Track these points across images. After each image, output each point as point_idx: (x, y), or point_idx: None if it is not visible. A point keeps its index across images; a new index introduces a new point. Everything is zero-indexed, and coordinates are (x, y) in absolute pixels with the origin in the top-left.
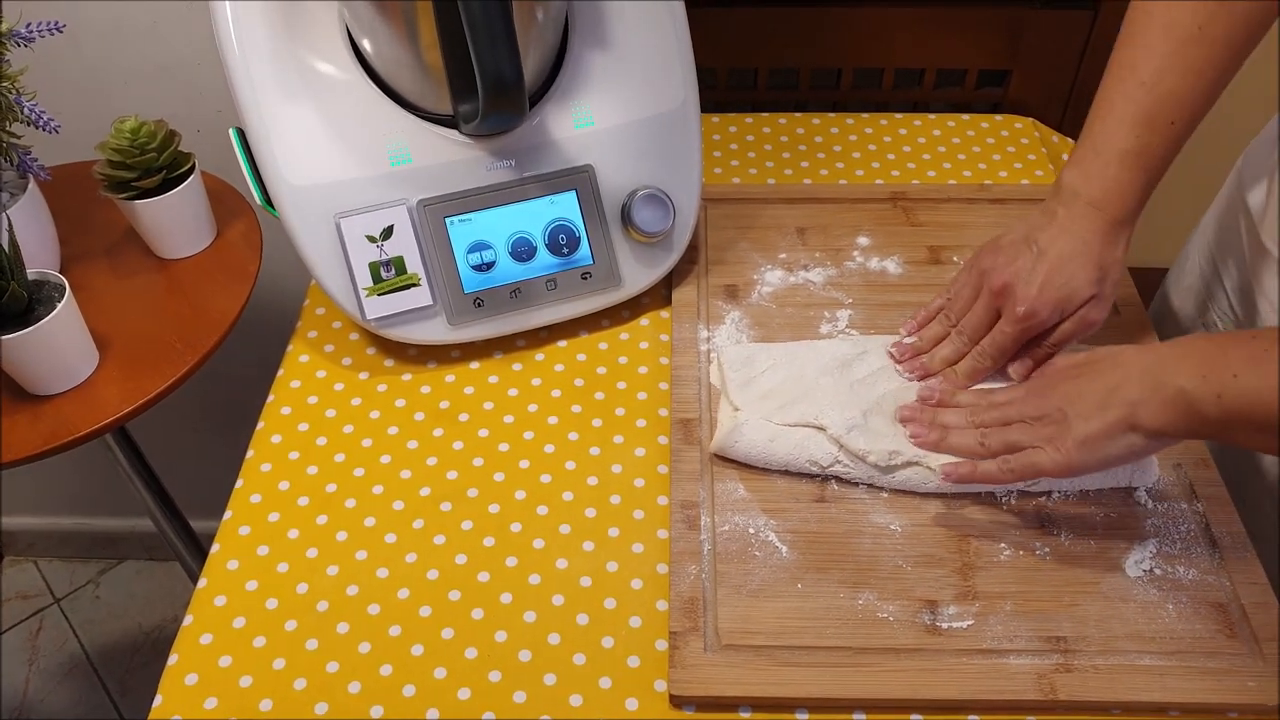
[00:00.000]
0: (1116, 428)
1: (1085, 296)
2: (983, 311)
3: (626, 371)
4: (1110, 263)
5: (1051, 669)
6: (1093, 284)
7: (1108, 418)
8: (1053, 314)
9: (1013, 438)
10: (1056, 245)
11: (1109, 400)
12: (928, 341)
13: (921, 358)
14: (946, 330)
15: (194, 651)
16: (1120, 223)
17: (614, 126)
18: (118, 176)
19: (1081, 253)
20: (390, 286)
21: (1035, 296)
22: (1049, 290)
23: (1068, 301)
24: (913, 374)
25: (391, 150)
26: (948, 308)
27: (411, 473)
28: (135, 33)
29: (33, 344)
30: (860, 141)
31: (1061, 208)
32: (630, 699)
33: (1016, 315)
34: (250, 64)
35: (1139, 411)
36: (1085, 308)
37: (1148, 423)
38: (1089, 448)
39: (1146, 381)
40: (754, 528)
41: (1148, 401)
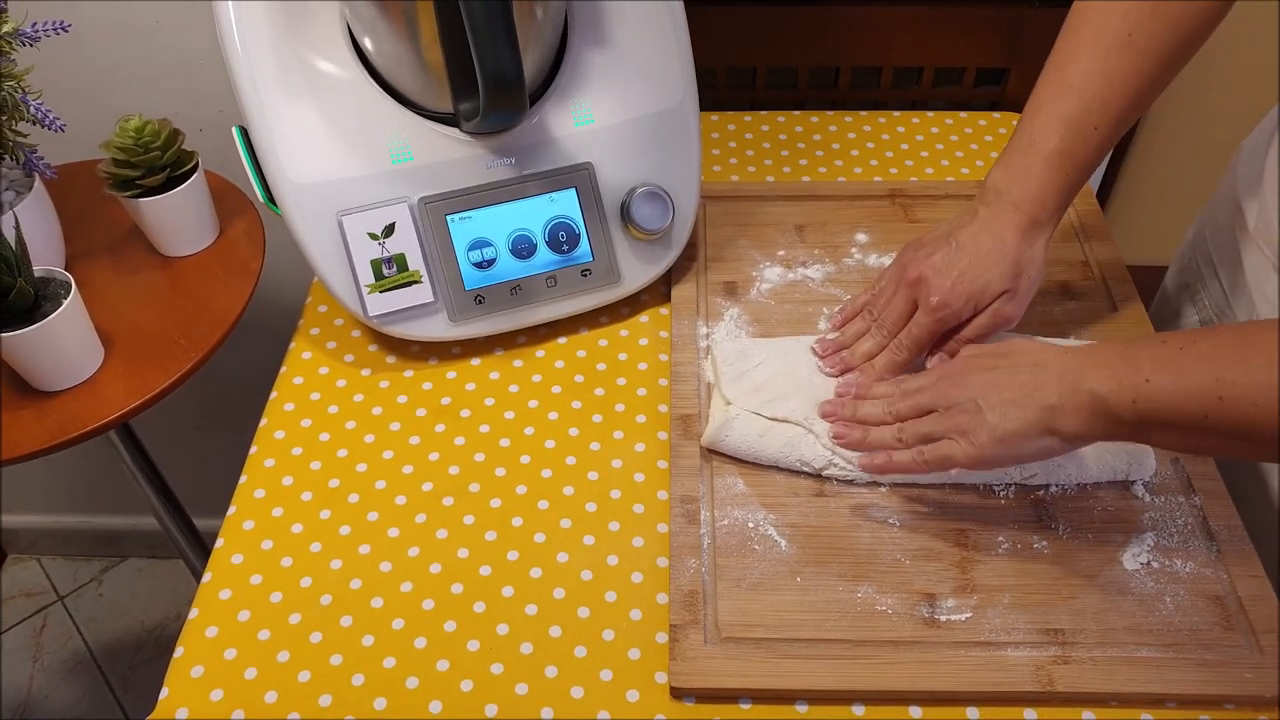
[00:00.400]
0: (1033, 429)
1: (998, 291)
2: (901, 304)
3: (626, 368)
4: (1026, 260)
5: (1049, 661)
6: (1007, 279)
7: (1026, 417)
8: (965, 306)
9: (926, 428)
10: (975, 241)
11: (1027, 400)
12: (850, 337)
13: (843, 352)
14: (869, 325)
15: (199, 644)
16: (1039, 223)
17: (613, 124)
18: (122, 175)
19: (998, 249)
20: (392, 283)
21: (949, 288)
22: (963, 283)
23: (981, 295)
24: (834, 369)
25: (393, 148)
26: (871, 303)
27: (414, 468)
28: (138, 32)
29: (39, 340)
30: (859, 139)
31: (984, 206)
32: (631, 691)
33: (930, 306)
34: (253, 63)
35: (1056, 416)
36: (998, 302)
37: (1064, 427)
38: (1004, 444)
39: (1064, 386)
40: (753, 522)
41: (1064, 406)
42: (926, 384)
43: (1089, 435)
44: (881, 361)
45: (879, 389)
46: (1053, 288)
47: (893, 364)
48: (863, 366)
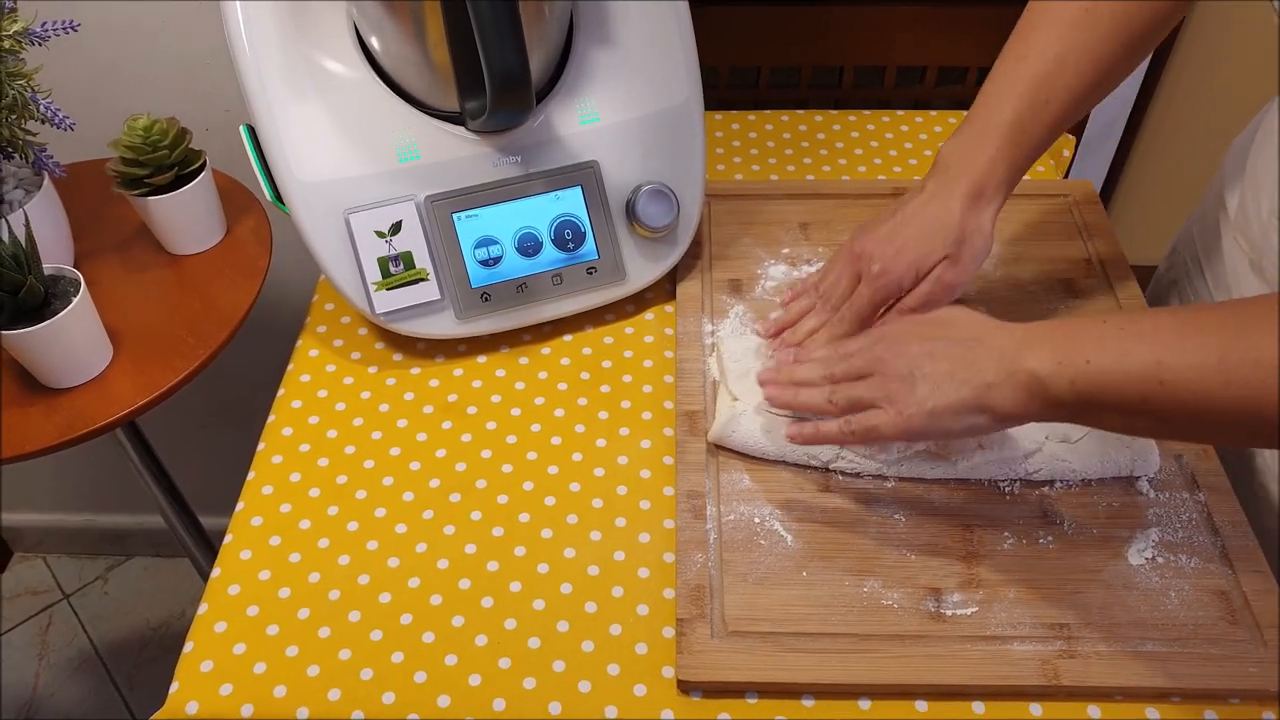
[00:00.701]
0: (966, 405)
1: (939, 257)
2: (846, 278)
3: (631, 365)
4: (971, 229)
5: (1055, 655)
6: (949, 244)
7: (960, 393)
8: (907, 273)
9: (858, 393)
10: (921, 213)
11: (962, 375)
12: (794, 314)
13: (786, 331)
14: (814, 303)
15: (209, 639)
16: (986, 193)
17: (619, 123)
18: (130, 174)
19: (941, 218)
20: (399, 281)
21: (891, 256)
22: (905, 252)
23: (922, 262)
24: (776, 348)
25: (400, 147)
26: (820, 281)
27: (421, 464)
28: (145, 32)
29: (49, 338)
30: (862, 138)
31: (931, 180)
32: (638, 685)
33: (871, 274)
34: (260, 62)
35: (991, 394)
36: (940, 268)
37: (999, 405)
38: (933, 418)
39: (1003, 364)
40: (759, 517)
41: (1001, 385)
42: (864, 346)
43: (1023, 415)
44: (823, 335)
45: (817, 352)
46: (1056, 285)
47: (834, 338)
48: (805, 342)
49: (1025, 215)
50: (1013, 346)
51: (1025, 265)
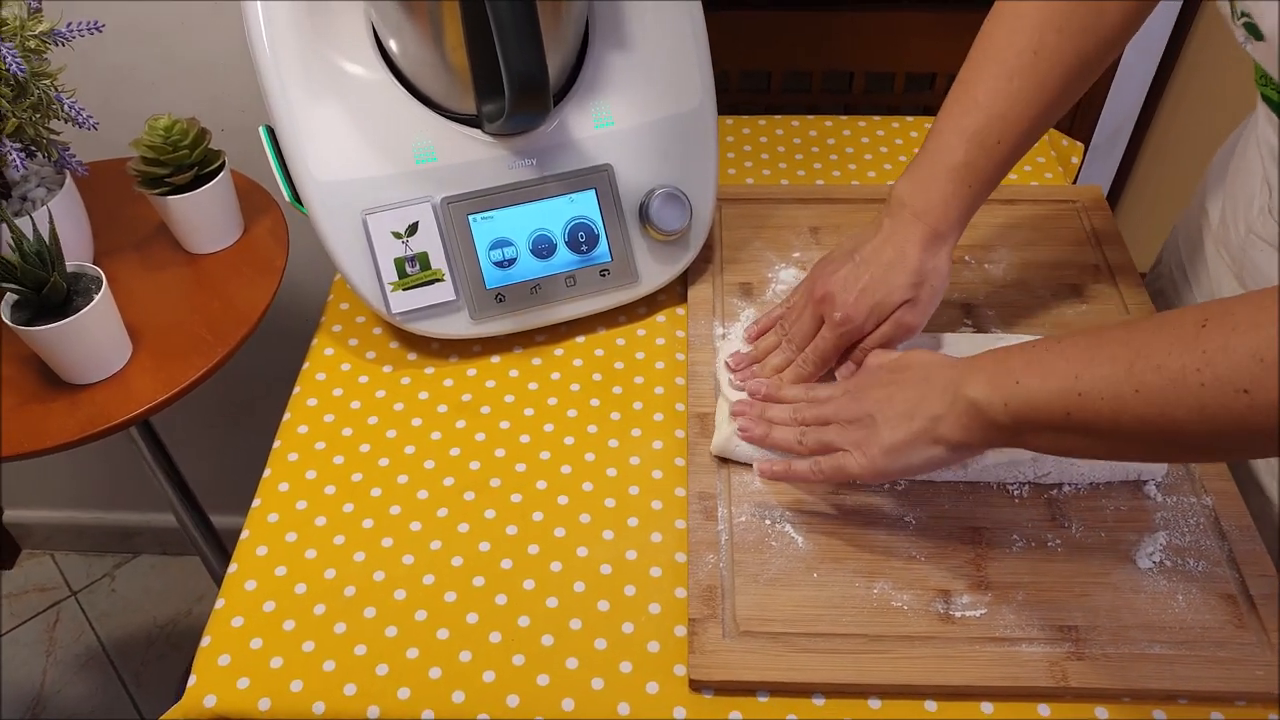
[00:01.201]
0: (920, 439)
1: (899, 300)
2: (809, 320)
3: (643, 366)
4: (929, 270)
5: (1063, 657)
6: (908, 289)
7: (912, 428)
8: (868, 319)
9: (828, 438)
10: (878, 254)
11: (914, 411)
12: (761, 351)
13: (754, 366)
14: (778, 340)
15: (226, 633)
16: (941, 235)
17: (633, 127)
18: (151, 173)
19: (899, 261)
20: (415, 282)
21: (852, 303)
22: (865, 297)
23: (882, 306)
24: (744, 382)
25: (417, 149)
26: (783, 319)
27: (435, 463)
28: (162, 33)
29: (71, 334)
30: (872, 144)
31: (888, 219)
32: (650, 683)
33: (834, 321)
34: (280, 64)
35: (940, 425)
36: (900, 311)
37: (948, 436)
38: (893, 456)
39: (946, 395)
40: (770, 519)
41: (946, 415)
42: (833, 395)
43: (971, 443)
44: (789, 376)
45: (789, 393)
46: (1065, 291)
47: (799, 378)
48: (771, 380)
49: (1035, 221)
50: (955, 378)
51: (1035, 271)
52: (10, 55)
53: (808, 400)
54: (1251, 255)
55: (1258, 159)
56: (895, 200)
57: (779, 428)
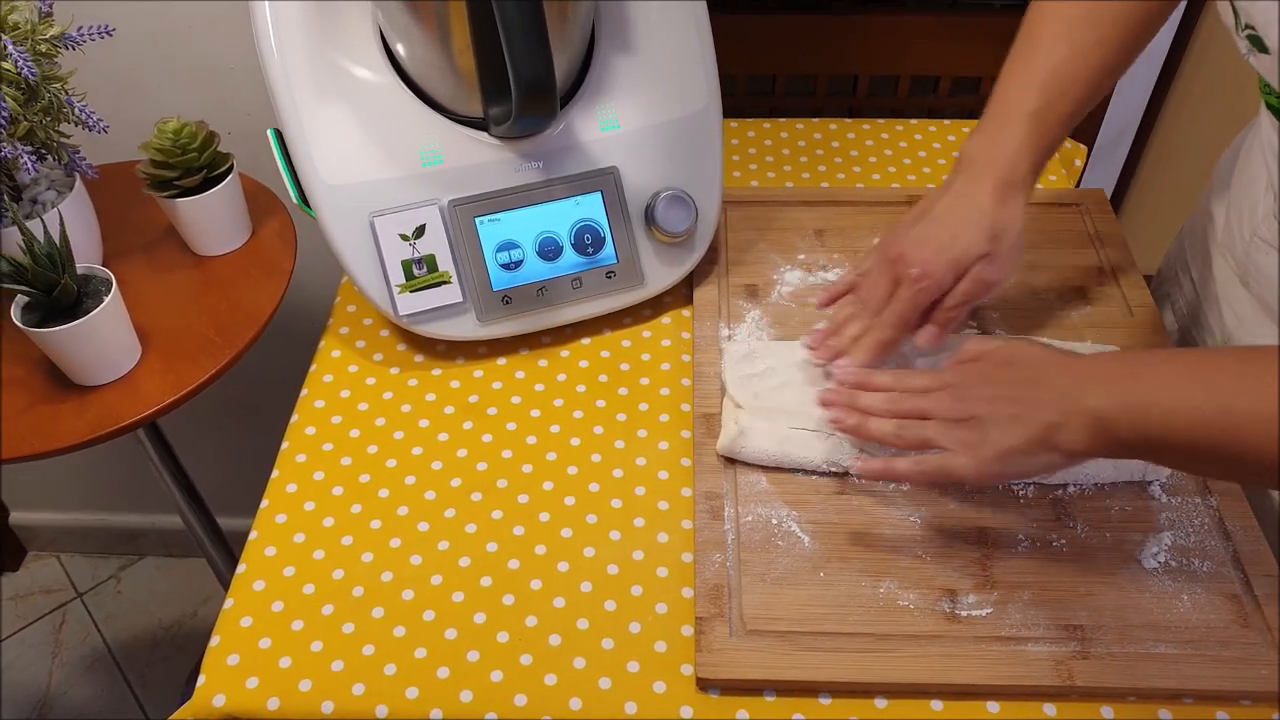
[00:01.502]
0: (1034, 445)
1: (977, 254)
2: (884, 282)
3: (649, 368)
4: (1005, 222)
5: (1069, 656)
6: (985, 241)
7: (1026, 434)
8: (946, 273)
9: (929, 434)
10: (950, 211)
11: (1027, 416)
12: (838, 322)
13: (832, 340)
14: (856, 309)
15: (235, 633)
16: (1013, 184)
17: (638, 130)
18: (160, 175)
19: (974, 215)
20: (422, 284)
21: (929, 258)
22: (942, 252)
23: (960, 261)
24: (825, 356)
25: (424, 152)
26: (857, 288)
27: (442, 464)
28: (171, 38)
29: (81, 336)
30: (876, 146)
31: (958, 178)
32: (658, 682)
33: (911, 278)
34: (288, 67)
35: (1056, 433)
36: (979, 265)
37: (1065, 444)
38: (1004, 460)
39: (1064, 403)
40: (776, 518)
41: (1064, 424)
42: (931, 387)
43: (1091, 452)
44: (868, 340)
45: (879, 379)
46: (1069, 292)
47: (878, 342)
48: (851, 349)
49: (1039, 223)
50: (1072, 385)
51: (1040, 273)
52: (22, 59)
53: (902, 390)
54: (1255, 259)
55: (1262, 163)
56: (965, 157)
57: (874, 419)
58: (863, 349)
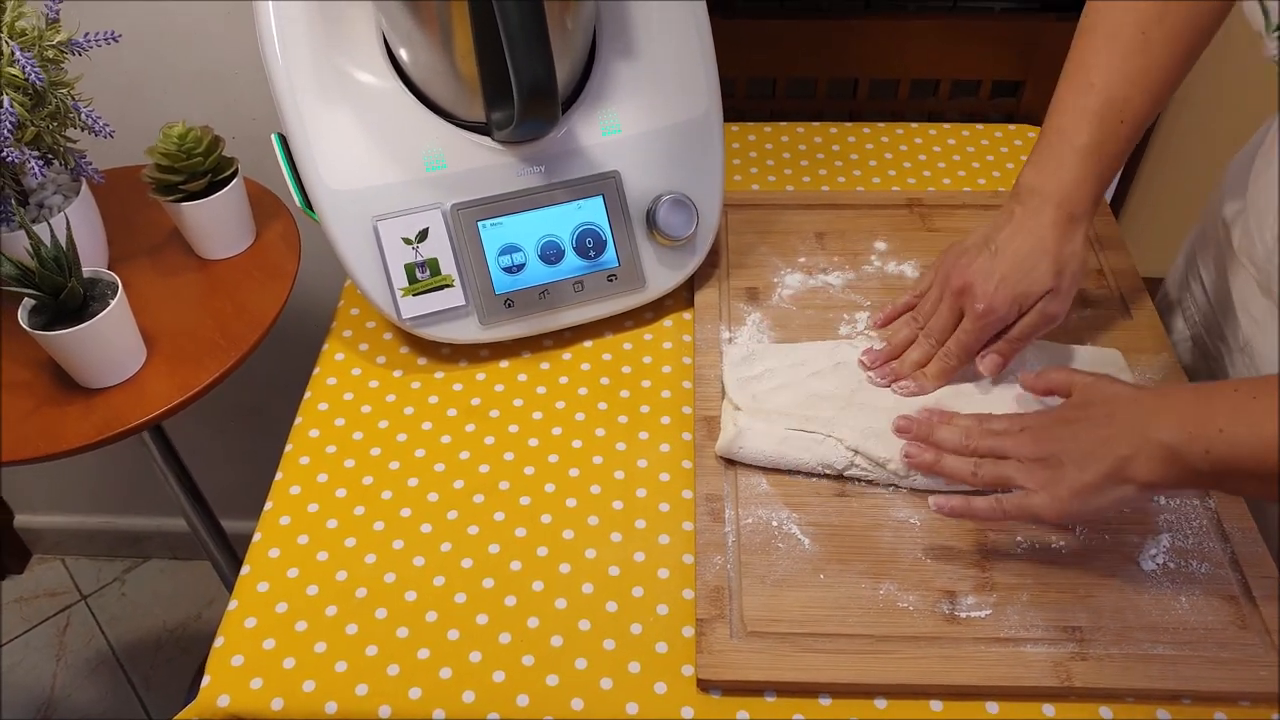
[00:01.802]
0: (1108, 480)
1: (1042, 290)
2: (947, 313)
3: (650, 370)
4: (1067, 256)
5: (1067, 657)
6: (1050, 277)
7: (1100, 469)
8: (1011, 309)
9: (1006, 472)
10: (1013, 243)
11: (1100, 452)
12: (897, 347)
13: (892, 363)
14: (915, 333)
15: (239, 634)
16: (1075, 217)
17: (640, 134)
18: (165, 179)
19: (1037, 248)
20: (425, 287)
21: (993, 293)
22: (1006, 286)
23: (1025, 296)
24: (884, 379)
25: (427, 156)
26: (916, 311)
27: (445, 466)
28: (175, 43)
29: (87, 339)
30: (877, 150)
31: (1019, 206)
32: (659, 683)
33: (976, 312)
34: (292, 73)
35: (1129, 466)
36: (1043, 301)
37: (1138, 477)
38: (1081, 498)
39: (1134, 436)
40: (777, 520)
41: (1136, 457)
42: (1009, 429)
43: (1164, 484)
44: (933, 369)
45: (960, 419)
46: None
47: (943, 371)
48: (914, 375)
49: None
50: (1141, 418)
51: None
52: (29, 65)
53: (982, 431)
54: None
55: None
56: (1024, 188)
57: (950, 456)
58: (928, 377)
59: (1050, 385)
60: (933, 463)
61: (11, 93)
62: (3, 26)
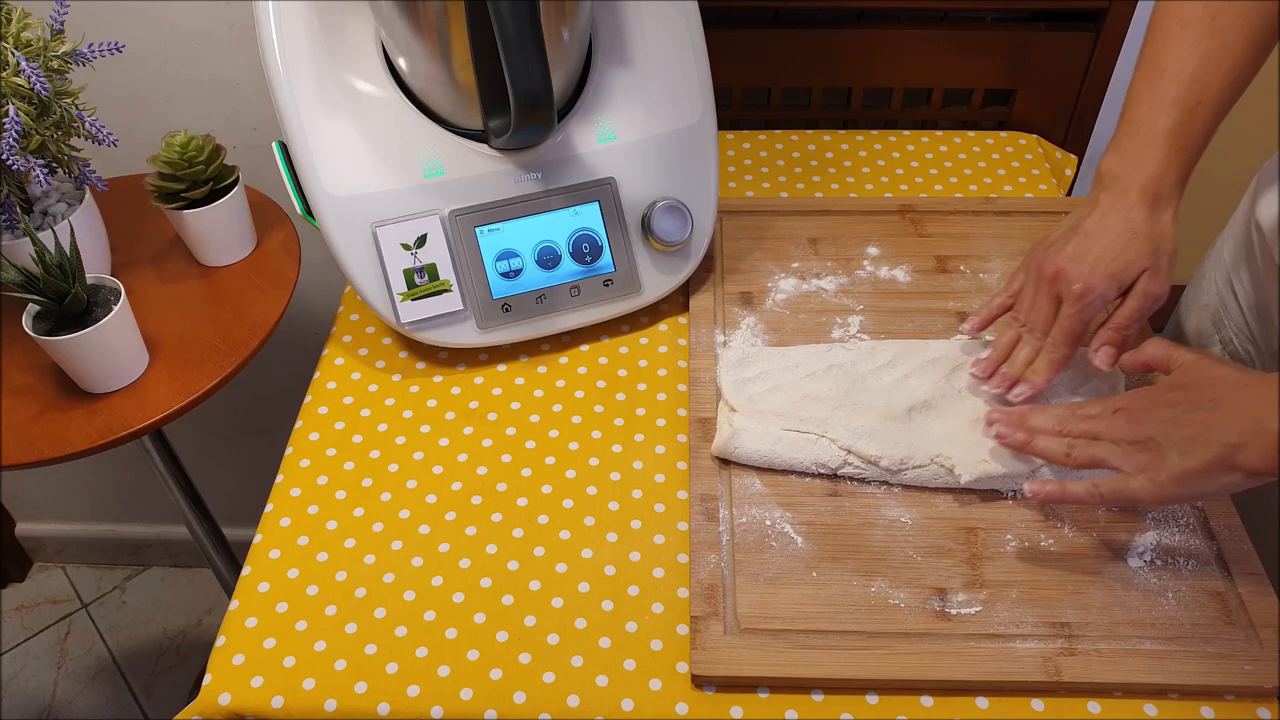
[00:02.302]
0: (1214, 466)
1: (1139, 269)
2: (1045, 303)
3: (646, 374)
4: (1159, 234)
5: (1056, 653)
6: (1145, 255)
7: (1206, 455)
8: (1109, 287)
9: (1101, 454)
10: (1103, 226)
11: (1206, 438)
12: (1004, 349)
13: (1003, 367)
14: (1018, 333)
15: (240, 634)
16: (1162, 198)
17: (635, 141)
18: (167, 188)
19: (1128, 228)
20: (423, 292)
21: (1089, 273)
22: (1101, 265)
23: (1123, 275)
24: (999, 386)
25: (425, 163)
26: (1014, 311)
27: (443, 468)
28: (178, 54)
29: (91, 344)
30: (870, 157)
31: (1104, 194)
32: (654, 680)
33: (1074, 294)
34: (294, 82)
35: (1239, 453)
36: (1142, 280)
37: (1248, 464)
38: (1184, 482)
39: (1245, 423)
40: (770, 520)
41: (1247, 444)
42: (1105, 412)
43: (1272, 471)
44: (1041, 363)
45: (1052, 407)
46: None
47: (1053, 363)
48: (1026, 374)
49: (1029, 232)
50: (1253, 406)
51: None
52: (35, 75)
53: (1075, 415)
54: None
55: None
56: (1107, 175)
57: (1043, 437)
58: (1039, 370)
59: (1149, 360)
60: (1025, 442)
61: (17, 102)
62: (9, 37)
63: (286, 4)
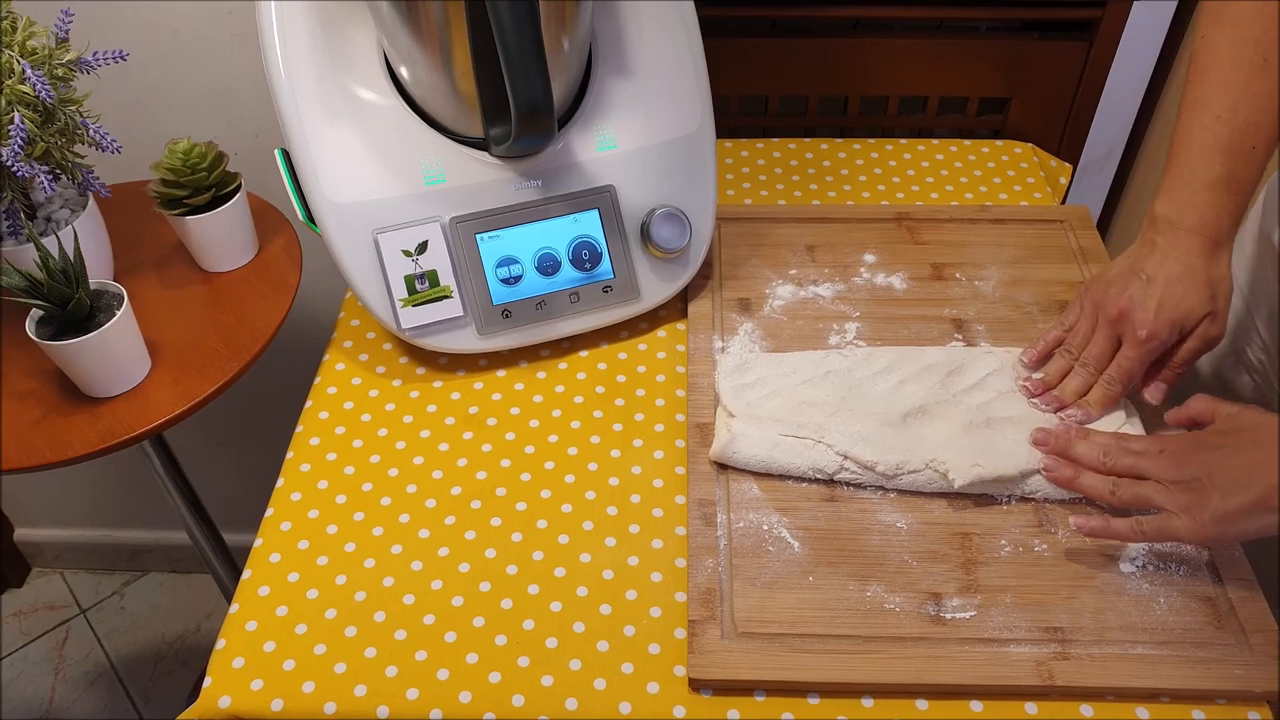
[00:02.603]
0: (1256, 506)
1: (1201, 314)
2: (1104, 341)
3: (645, 379)
4: (1217, 279)
5: (1049, 657)
6: (1206, 301)
7: (1248, 496)
8: (1171, 334)
9: (1145, 493)
10: (1163, 270)
11: (1249, 478)
12: (1054, 376)
13: (1053, 391)
14: (1070, 364)
15: (240, 637)
16: (1219, 243)
17: (634, 149)
18: (170, 194)
19: (1188, 274)
20: (424, 298)
21: (1153, 320)
22: (1165, 312)
23: (1185, 321)
24: (1049, 406)
25: (426, 171)
26: (1067, 342)
27: (443, 473)
28: (181, 62)
29: (94, 349)
30: (866, 165)
31: (1160, 236)
32: (651, 683)
33: (1138, 339)
34: (296, 90)
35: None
36: (1202, 325)
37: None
38: (1226, 522)
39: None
40: (768, 525)
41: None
42: (1150, 450)
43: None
44: (1095, 397)
45: (1097, 436)
46: (1053, 307)
47: (1107, 398)
48: (1079, 404)
49: (1024, 240)
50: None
51: (1023, 288)
52: (40, 82)
53: (1120, 448)
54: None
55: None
56: (1162, 220)
57: (1088, 474)
58: (1094, 403)
59: (1195, 415)
60: (1071, 478)
61: (22, 109)
62: (14, 45)
63: (289, 12)
